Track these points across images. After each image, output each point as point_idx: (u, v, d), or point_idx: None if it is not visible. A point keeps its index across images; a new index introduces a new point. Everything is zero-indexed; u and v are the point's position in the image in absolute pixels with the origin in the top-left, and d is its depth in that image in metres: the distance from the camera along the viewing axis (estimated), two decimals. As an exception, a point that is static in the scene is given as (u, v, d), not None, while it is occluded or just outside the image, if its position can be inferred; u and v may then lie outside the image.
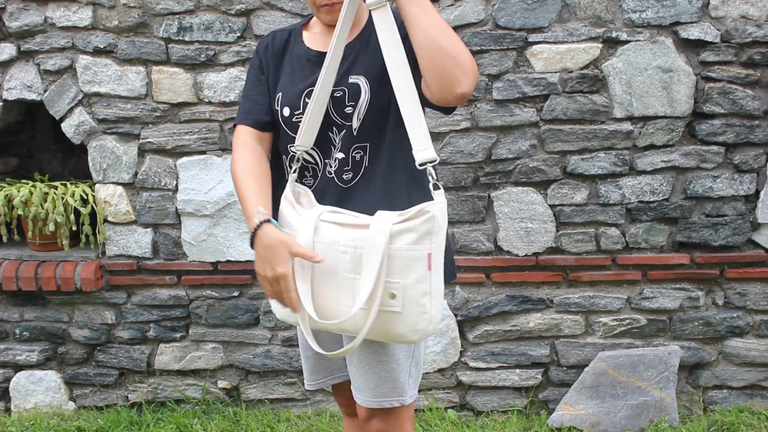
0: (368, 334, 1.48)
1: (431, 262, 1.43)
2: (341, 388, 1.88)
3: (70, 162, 3.22)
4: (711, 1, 2.58)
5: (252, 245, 1.52)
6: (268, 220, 1.52)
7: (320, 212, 1.55)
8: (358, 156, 1.60)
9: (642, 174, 2.69)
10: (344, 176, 1.61)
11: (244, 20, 2.67)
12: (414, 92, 1.46)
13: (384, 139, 1.60)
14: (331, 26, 1.62)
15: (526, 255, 2.75)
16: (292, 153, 1.63)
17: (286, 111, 1.62)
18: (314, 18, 1.74)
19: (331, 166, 1.62)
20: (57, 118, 2.77)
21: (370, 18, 1.65)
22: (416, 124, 1.46)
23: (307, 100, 1.59)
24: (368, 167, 1.60)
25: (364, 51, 1.61)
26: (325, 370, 1.83)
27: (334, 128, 1.61)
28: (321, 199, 1.61)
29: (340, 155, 1.61)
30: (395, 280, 1.43)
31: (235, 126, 1.69)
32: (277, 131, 1.68)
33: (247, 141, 1.65)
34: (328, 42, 1.59)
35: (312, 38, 1.69)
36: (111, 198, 2.79)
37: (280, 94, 1.63)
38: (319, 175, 1.63)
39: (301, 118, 1.59)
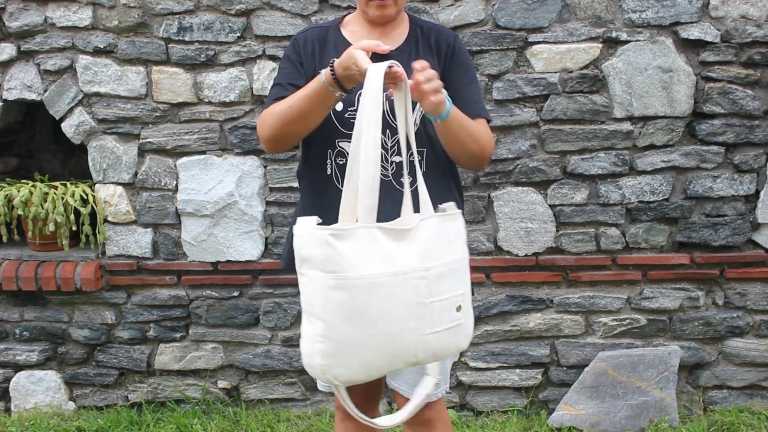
0: (434, 357, 1.45)
1: (471, 268, 1.52)
2: (356, 387, 1.83)
3: (70, 162, 3.22)
4: (711, 1, 2.58)
5: (338, 80, 1.49)
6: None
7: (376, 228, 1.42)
8: (415, 161, 1.62)
9: (642, 174, 2.69)
10: (403, 180, 1.60)
11: (244, 20, 2.67)
12: None
13: (436, 145, 1.65)
14: (376, 24, 1.67)
15: (526, 255, 2.75)
16: (339, 149, 1.64)
17: (339, 105, 1.63)
18: (350, 16, 1.76)
19: (386, 169, 1.63)
20: (57, 118, 2.77)
21: (412, 22, 1.73)
22: None
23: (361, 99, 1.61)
24: (426, 172, 1.62)
25: (416, 56, 1.65)
26: None
27: (388, 131, 1.62)
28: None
29: (397, 158, 1.63)
30: (460, 292, 1.45)
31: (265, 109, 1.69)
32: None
33: None
34: None
35: (354, 37, 1.71)
36: (111, 198, 2.79)
37: None
38: None
39: (354, 114, 1.59)
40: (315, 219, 1.37)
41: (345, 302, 1.33)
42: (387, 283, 1.35)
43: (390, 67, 1.40)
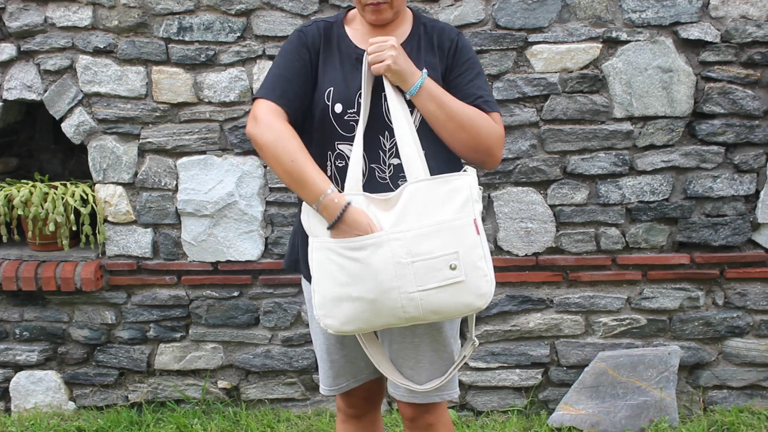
0: (435, 314, 1.51)
1: (478, 227, 1.52)
2: (359, 389, 1.86)
3: (70, 162, 3.22)
4: (711, 1, 2.58)
5: (336, 221, 1.52)
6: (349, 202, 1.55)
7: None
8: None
9: (642, 174, 2.69)
10: (400, 183, 1.59)
11: (244, 20, 2.67)
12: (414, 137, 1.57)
13: (439, 147, 1.62)
14: (375, 26, 1.65)
15: (526, 255, 2.75)
16: (339, 151, 1.62)
17: (338, 107, 1.60)
18: (354, 11, 1.74)
19: (383, 172, 1.62)
20: (57, 118, 2.77)
21: (416, 20, 1.71)
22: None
23: (360, 100, 1.59)
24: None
25: (416, 55, 1.64)
26: (349, 374, 1.81)
27: (386, 132, 1.60)
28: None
29: (395, 161, 1.60)
30: (452, 251, 1.48)
31: (258, 98, 1.60)
32: (311, 126, 1.65)
33: (281, 118, 1.58)
34: None
35: (356, 35, 1.69)
36: (111, 198, 2.79)
37: (332, 89, 1.61)
38: (363, 179, 1.60)
39: (354, 117, 1.59)
40: None
41: (322, 262, 1.53)
42: (358, 246, 1.50)
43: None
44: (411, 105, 1.60)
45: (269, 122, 1.55)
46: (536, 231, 2.73)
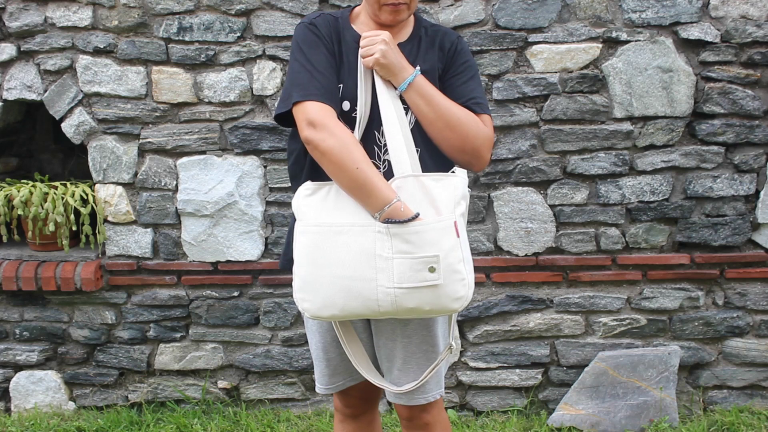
0: (410, 312, 1.51)
1: (458, 230, 1.50)
2: (355, 388, 1.86)
3: (70, 162, 3.22)
4: (711, 1, 2.58)
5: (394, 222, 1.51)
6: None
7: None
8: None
9: (642, 174, 2.69)
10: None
11: (244, 20, 2.67)
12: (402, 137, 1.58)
13: (432, 144, 1.63)
14: (386, 26, 1.65)
15: (526, 255, 2.75)
16: None
17: (346, 105, 1.61)
18: (358, 8, 1.74)
19: (378, 167, 1.62)
20: (57, 118, 2.77)
21: (417, 21, 1.72)
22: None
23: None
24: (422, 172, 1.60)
25: (416, 54, 1.65)
26: (345, 372, 1.81)
27: (382, 128, 1.61)
28: None
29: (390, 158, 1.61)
30: (432, 254, 1.47)
31: (302, 101, 1.55)
32: None
33: (336, 119, 1.55)
34: None
35: (363, 32, 1.67)
36: (111, 198, 2.79)
37: (341, 86, 1.62)
38: None
39: (356, 114, 1.60)
40: (308, 182, 1.60)
41: (306, 245, 1.53)
42: (343, 231, 1.51)
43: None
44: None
45: (330, 127, 1.52)
46: (536, 231, 2.73)
